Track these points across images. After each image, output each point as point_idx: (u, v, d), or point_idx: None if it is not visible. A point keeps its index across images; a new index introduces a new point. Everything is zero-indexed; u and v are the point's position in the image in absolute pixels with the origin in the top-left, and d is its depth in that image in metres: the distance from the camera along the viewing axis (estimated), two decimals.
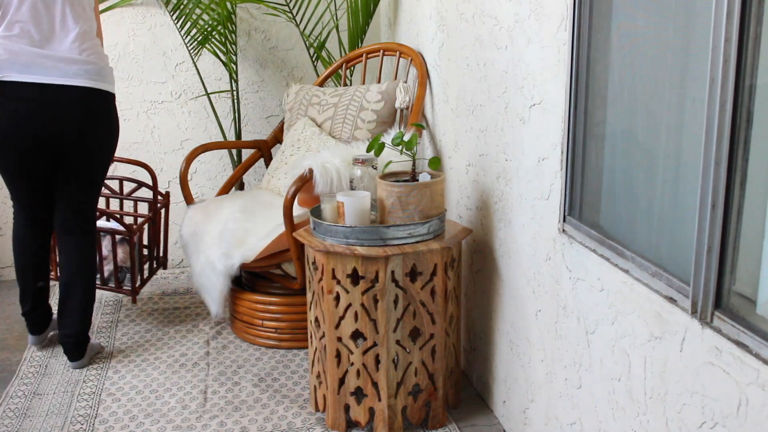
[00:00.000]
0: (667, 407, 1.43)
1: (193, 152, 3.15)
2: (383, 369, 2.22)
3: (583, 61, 1.75)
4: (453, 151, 2.65)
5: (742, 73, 1.23)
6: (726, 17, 1.22)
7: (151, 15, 3.59)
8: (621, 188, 1.69)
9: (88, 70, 2.51)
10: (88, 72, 2.51)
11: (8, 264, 3.72)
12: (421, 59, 2.96)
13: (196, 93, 3.71)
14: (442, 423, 2.33)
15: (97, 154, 2.64)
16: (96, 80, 2.53)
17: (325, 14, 3.60)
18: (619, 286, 1.59)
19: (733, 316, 1.26)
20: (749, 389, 1.19)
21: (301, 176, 2.58)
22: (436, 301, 2.22)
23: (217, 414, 2.44)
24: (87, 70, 2.51)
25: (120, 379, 2.68)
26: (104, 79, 2.57)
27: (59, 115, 2.50)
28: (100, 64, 2.57)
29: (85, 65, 2.51)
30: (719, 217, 1.28)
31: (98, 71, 2.55)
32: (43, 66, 2.45)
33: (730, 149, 1.25)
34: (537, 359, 2.05)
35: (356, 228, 2.16)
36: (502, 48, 2.15)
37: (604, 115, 1.73)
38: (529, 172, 2.02)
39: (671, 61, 1.48)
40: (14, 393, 2.59)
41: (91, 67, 2.52)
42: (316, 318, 2.33)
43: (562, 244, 1.86)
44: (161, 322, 3.17)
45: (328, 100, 3.13)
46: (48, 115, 2.49)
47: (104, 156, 2.67)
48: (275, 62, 3.79)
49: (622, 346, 1.59)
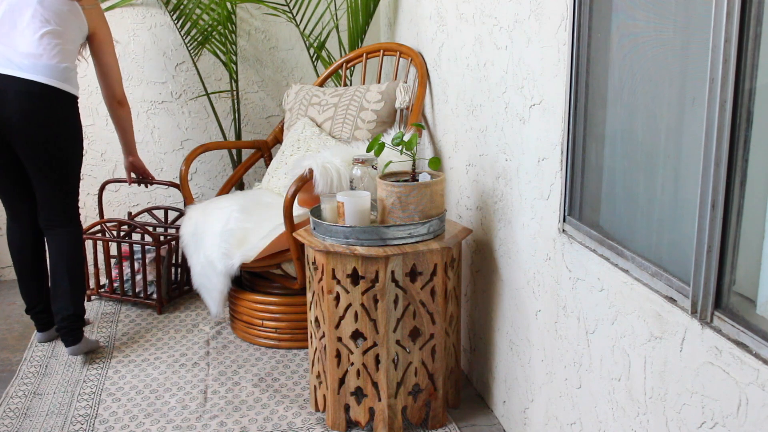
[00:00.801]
0: (667, 407, 1.43)
1: (193, 152, 3.15)
2: (383, 369, 2.22)
3: (583, 61, 1.75)
4: (453, 151, 2.65)
5: (742, 73, 1.23)
6: (726, 17, 1.22)
7: (151, 15, 3.59)
8: (621, 188, 1.69)
9: (46, 66, 2.59)
10: (45, 68, 2.59)
11: (8, 264, 3.72)
12: (421, 59, 2.96)
13: (196, 93, 3.71)
14: (442, 423, 2.33)
15: (53, 151, 2.67)
16: (51, 78, 2.60)
17: (325, 14, 3.61)
18: (619, 286, 1.59)
19: (733, 316, 1.26)
20: (749, 389, 1.19)
21: (301, 176, 2.58)
22: (436, 301, 2.22)
23: (217, 414, 2.44)
24: (45, 65, 2.59)
25: (120, 379, 2.68)
26: (60, 78, 2.63)
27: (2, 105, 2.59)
28: (61, 64, 2.63)
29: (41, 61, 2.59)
30: (719, 217, 1.28)
31: (56, 69, 2.61)
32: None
33: (730, 149, 1.25)
34: (537, 359, 2.05)
35: (356, 228, 2.16)
36: (502, 48, 2.15)
37: (604, 115, 1.73)
38: (529, 172, 2.02)
39: (671, 61, 1.48)
40: (14, 393, 2.59)
41: (46, 64, 2.59)
42: (316, 318, 2.33)
43: (562, 244, 1.86)
44: (161, 322, 3.17)
45: (328, 100, 3.13)
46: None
47: (64, 154, 2.70)
48: (275, 62, 3.79)
49: (622, 346, 1.59)
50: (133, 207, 3.79)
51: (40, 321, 2.94)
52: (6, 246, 3.69)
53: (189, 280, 3.19)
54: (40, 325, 2.95)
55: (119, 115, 2.96)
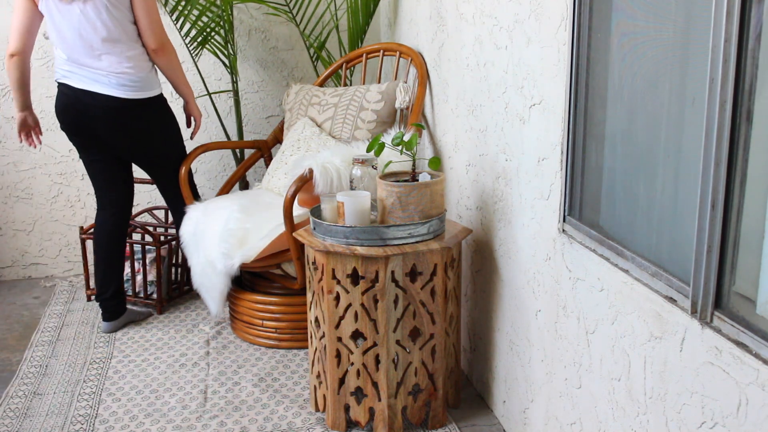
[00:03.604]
0: (667, 407, 1.43)
1: (193, 152, 3.15)
2: (383, 369, 2.22)
3: (583, 61, 1.75)
4: (453, 151, 2.65)
5: (742, 73, 1.23)
6: (726, 17, 1.22)
7: None
8: (621, 188, 1.69)
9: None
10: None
11: (8, 264, 3.73)
12: (421, 59, 2.96)
13: (197, 93, 3.70)
14: (442, 423, 2.33)
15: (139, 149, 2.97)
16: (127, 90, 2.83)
17: (325, 14, 3.61)
18: (619, 286, 1.59)
19: (733, 316, 1.26)
20: (749, 389, 1.19)
21: (301, 176, 2.58)
22: (436, 301, 2.22)
23: (217, 414, 2.44)
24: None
25: (120, 379, 2.68)
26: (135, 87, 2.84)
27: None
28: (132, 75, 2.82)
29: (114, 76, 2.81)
30: (719, 217, 1.28)
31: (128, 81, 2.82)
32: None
33: (730, 149, 1.25)
34: (537, 359, 2.05)
35: (356, 228, 2.16)
36: (502, 48, 2.15)
37: (604, 115, 1.73)
38: (529, 172, 2.02)
39: (671, 61, 1.48)
40: (14, 393, 2.59)
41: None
42: (316, 318, 2.33)
43: (562, 244, 1.86)
44: (161, 322, 3.17)
45: (328, 100, 3.13)
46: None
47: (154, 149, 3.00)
48: (275, 62, 3.79)
49: (622, 346, 1.59)
50: (133, 207, 3.79)
51: (107, 309, 3.05)
52: (6, 246, 3.70)
53: (189, 280, 3.19)
54: (107, 313, 3.05)
55: (159, 65, 2.91)
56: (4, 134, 3.59)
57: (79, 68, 2.77)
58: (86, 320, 3.20)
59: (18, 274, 3.75)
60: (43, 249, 3.75)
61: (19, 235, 3.72)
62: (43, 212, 3.71)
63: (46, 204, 3.69)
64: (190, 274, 3.04)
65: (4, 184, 3.65)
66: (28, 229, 3.73)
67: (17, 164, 3.64)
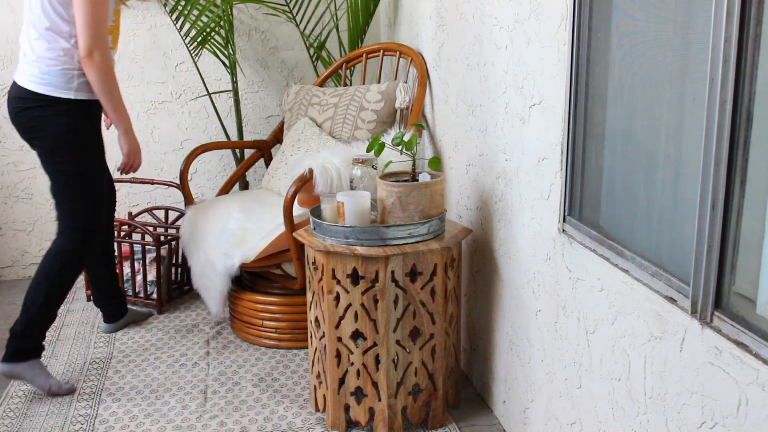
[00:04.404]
0: (666, 407, 1.43)
1: (194, 152, 3.15)
2: (383, 369, 2.22)
3: (583, 61, 1.75)
4: (453, 151, 2.65)
5: (742, 73, 1.23)
6: (726, 17, 1.22)
7: (151, 15, 3.59)
8: (621, 188, 1.69)
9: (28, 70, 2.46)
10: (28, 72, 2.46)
11: (8, 264, 3.73)
12: (421, 59, 2.96)
13: (196, 93, 3.71)
14: (442, 423, 2.33)
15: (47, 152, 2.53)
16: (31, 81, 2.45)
17: (325, 14, 3.61)
18: (619, 286, 1.59)
19: (733, 316, 1.26)
20: (749, 389, 1.19)
21: (301, 176, 2.58)
22: (436, 301, 2.22)
23: (217, 414, 2.44)
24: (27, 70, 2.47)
25: (120, 379, 2.68)
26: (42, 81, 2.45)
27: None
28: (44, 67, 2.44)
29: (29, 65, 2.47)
30: (719, 217, 1.28)
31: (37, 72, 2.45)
32: None
33: (730, 149, 1.25)
34: (537, 359, 2.05)
35: (356, 228, 2.16)
36: (502, 48, 2.15)
37: (604, 115, 1.73)
38: (529, 172, 2.02)
39: (671, 61, 1.48)
40: (14, 393, 2.59)
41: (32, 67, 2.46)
42: (316, 318, 2.33)
43: (562, 244, 1.86)
44: (161, 322, 3.17)
45: (328, 100, 3.13)
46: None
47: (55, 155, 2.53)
48: (275, 62, 3.79)
49: (622, 346, 1.59)
50: (133, 207, 3.79)
51: (107, 312, 3.05)
52: (6, 246, 3.70)
53: (189, 280, 3.20)
54: (107, 316, 3.05)
55: (88, 77, 2.44)
56: (4, 134, 3.59)
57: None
58: (86, 320, 3.20)
59: (18, 274, 3.75)
60: (43, 249, 3.75)
61: (19, 235, 3.72)
62: (43, 212, 3.70)
63: (46, 204, 3.69)
64: (190, 274, 3.04)
65: (4, 184, 3.65)
66: (28, 229, 3.73)
67: (17, 164, 3.64)
